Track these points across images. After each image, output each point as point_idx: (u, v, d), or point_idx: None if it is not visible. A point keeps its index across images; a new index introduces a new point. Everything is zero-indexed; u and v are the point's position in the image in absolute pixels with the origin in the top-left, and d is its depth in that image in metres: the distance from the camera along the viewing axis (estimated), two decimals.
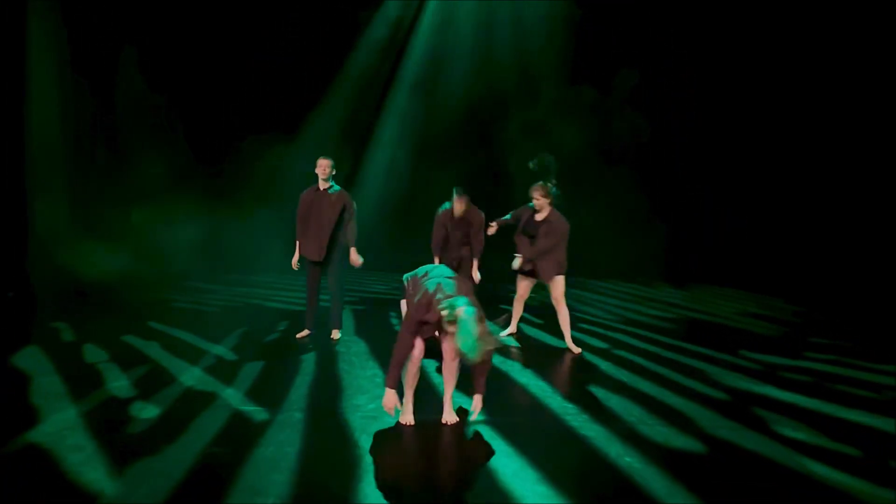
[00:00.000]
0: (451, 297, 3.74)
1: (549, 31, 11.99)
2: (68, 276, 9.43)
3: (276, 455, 3.56)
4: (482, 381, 3.98)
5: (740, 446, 3.83)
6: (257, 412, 4.24)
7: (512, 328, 6.59)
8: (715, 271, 11.17)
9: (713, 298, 9.64)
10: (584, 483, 3.37)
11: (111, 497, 3.08)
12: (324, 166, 5.98)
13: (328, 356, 5.73)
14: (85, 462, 3.46)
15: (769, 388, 5.03)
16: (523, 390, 4.95)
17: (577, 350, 6.00)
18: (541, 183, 5.95)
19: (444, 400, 4.15)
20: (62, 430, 3.99)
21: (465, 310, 3.57)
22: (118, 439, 3.79)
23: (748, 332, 7.23)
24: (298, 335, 6.28)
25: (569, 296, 6.19)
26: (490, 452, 3.69)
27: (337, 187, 6.10)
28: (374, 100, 12.68)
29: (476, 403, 4.00)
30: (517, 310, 6.48)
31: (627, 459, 3.60)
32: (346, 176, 10.90)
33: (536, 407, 4.55)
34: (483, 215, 6.34)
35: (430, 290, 3.86)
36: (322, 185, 6.04)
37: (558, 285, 5.93)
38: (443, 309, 3.68)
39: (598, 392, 4.85)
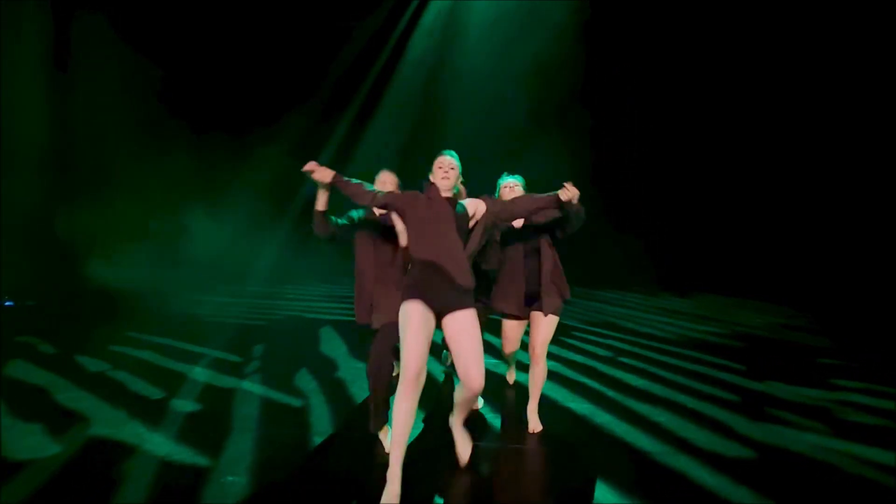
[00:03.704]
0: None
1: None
2: (82, 285, 9.39)
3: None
4: None
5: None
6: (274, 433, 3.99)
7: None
8: (700, 279, 11.07)
9: (732, 309, 9.41)
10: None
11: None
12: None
13: (338, 377, 5.39)
14: (164, 442, 3.73)
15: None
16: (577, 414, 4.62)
17: (537, 427, 4.10)
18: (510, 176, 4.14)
19: (455, 433, 3.49)
20: (122, 424, 4.03)
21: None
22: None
23: (811, 347, 6.85)
24: None
25: (586, 307, 5.53)
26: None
27: None
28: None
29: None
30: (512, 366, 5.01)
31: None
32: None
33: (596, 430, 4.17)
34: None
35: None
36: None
37: (553, 324, 4.02)
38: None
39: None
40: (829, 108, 10.41)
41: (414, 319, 3.13)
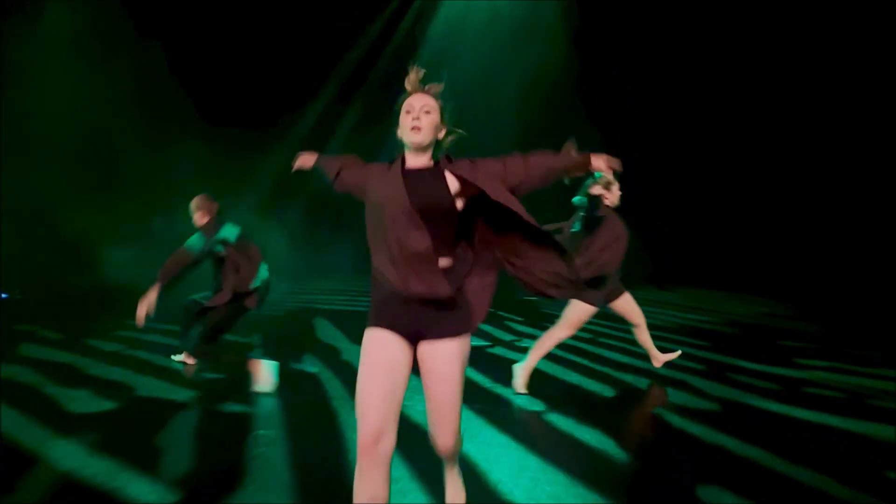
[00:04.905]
0: None
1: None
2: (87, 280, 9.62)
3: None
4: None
5: None
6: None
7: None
8: (689, 273, 11.47)
9: (717, 301, 9.79)
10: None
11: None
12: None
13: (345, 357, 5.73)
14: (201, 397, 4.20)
15: None
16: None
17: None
18: None
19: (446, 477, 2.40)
20: (160, 388, 4.40)
21: None
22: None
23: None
24: None
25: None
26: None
27: None
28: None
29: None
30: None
31: None
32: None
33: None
34: None
35: None
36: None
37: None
38: None
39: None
40: (823, 109, 10.72)
41: (370, 356, 2.07)
